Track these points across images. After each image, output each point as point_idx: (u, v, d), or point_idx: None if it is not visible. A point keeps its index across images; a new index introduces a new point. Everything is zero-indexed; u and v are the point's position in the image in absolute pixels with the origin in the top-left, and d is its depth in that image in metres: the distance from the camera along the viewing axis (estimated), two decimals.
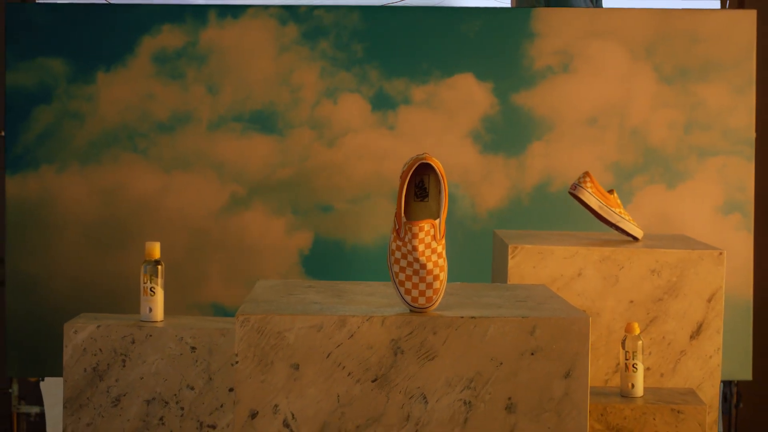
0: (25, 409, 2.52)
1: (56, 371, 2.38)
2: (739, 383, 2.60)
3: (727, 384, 2.61)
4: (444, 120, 2.50)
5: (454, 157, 2.47)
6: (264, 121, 2.47)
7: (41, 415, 2.54)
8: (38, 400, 2.55)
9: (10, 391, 2.48)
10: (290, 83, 2.48)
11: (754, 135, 2.49)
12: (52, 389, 2.55)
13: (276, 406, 1.23)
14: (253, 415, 1.23)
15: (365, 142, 2.49)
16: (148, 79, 2.46)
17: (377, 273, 2.26)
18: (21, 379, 2.50)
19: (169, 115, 2.46)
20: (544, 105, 2.50)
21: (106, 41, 2.47)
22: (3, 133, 2.46)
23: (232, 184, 2.46)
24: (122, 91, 2.46)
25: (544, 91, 2.50)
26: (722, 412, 2.63)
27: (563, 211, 2.38)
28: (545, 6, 2.74)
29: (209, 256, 2.45)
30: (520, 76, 2.50)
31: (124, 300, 2.35)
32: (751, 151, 2.49)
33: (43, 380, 2.55)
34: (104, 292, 2.43)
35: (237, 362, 1.23)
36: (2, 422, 2.54)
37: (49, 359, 2.39)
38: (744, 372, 2.46)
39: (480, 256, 2.38)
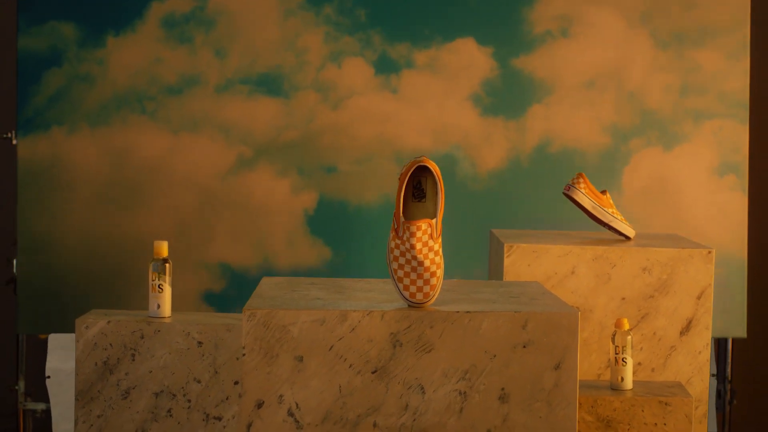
0: (32, 405, 2.53)
1: (65, 328, 2.42)
2: (733, 380, 2.64)
3: (721, 381, 2.66)
4: (445, 83, 2.54)
5: (455, 120, 2.52)
6: (270, 84, 2.51)
7: (47, 412, 2.56)
8: (44, 397, 2.57)
9: (16, 388, 2.50)
10: (295, 47, 2.51)
11: (748, 98, 2.53)
12: (53, 388, 2.58)
13: (281, 396, 1.27)
14: (259, 405, 1.27)
15: (369, 105, 2.53)
16: (157, 43, 2.49)
17: (379, 233, 2.33)
18: (27, 376, 2.53)
19: (177, 78, 2.50)
20: (543, 69, 2.54)
21: (115, 6, 2.50)
22: (9, 135, 2.49)
23: (239, 145, 2.49)
24: (131, 54, 2.50)
25: (544, 56, 2.54)
26: (716, 409, 2.67)
27: (561, 172, 2.43)
28: None
29: (216, 215, 2.49)
30: (519, 41, 2.54)
31: (133, 259, 2.39)
32: (745, 114, 2.53)
33: (49, 377, 2.58)
34: (113, 250, 2.47)
35: (244, 355, 1.27)
36: (9, 419, 2.56)
37: (58, 316, 2.43)
38: (739, 330, 2.51)
39: (479, 216, 2.44)
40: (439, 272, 1.30)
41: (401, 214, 1.29)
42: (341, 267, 2.50)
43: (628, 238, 2.03)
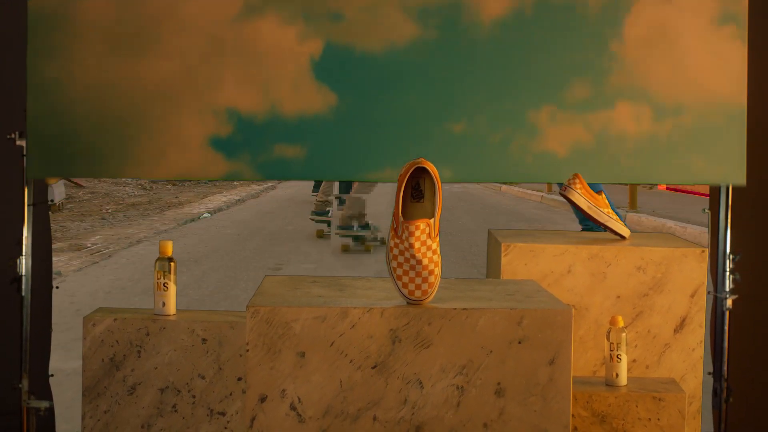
0: (35, 403, 2.55)
1: (72, 173, 2.50)
2: (729, 378, 2.67)
3: (717, 379, 2.69)
4: None
5: None
6: None
7: (50, 410, 2.58)
8: (48, 395, 2.60)
9: (19, 386, 2.53)
10: None
11: None
12: (53, 388, 2.61)
13: (283, 390, 1.31)
14: (263, 400, 1.31)
15: None
16: None
17: (384, 79, 2.38)
18: (31, 374, 2.55)
19: None
20: None
21: None
22: (13, 136, 2.50)
23: None
24: None
25: None
26: (713, 407, 2.71)
27: (563, 22, 2.43)
28: None
29: (224, 62, 2.47)
30: None
31: (140, 105, 2.40)
32: None
33: (52, 375, 2.61)
34: (121, 96, 2.46)
35: (248, 351, 1.30)
36: (12, 417, 2.58)
37: (66, 160, 2.45)
38: (738, 176, 2.51)
39: (482, 64, 2.43)
40: (437, 270, 1.33)
41: (400, 214, 1.33)
42: (347, 113, 2.50)
43: (623, 237, 2.07)
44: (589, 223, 4.13)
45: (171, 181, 17.09)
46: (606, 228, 2.06)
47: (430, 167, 1.33)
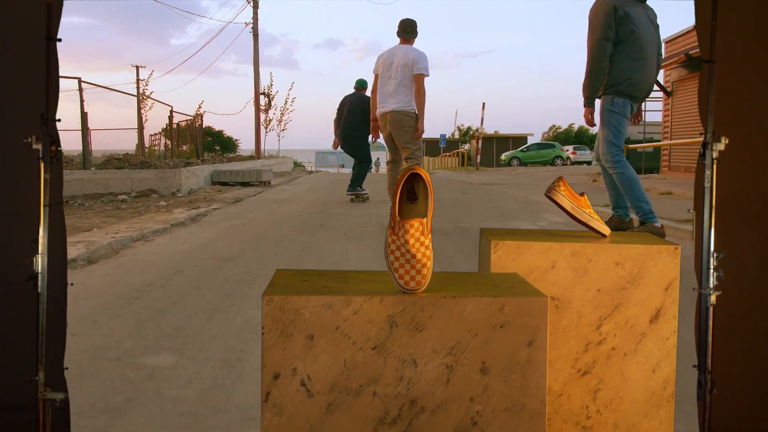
0: (51, 395, 2.69)
1: None
2: (713, 370, 2.81)
3: (702, 372, 2.83)
4: None
5: None
6: None
7: (66, 401, 2.72)
8: (63, 387, 2.74)
9: (36, 378, 2.67)
10: None
11: None
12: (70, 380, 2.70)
13: (294, 369, 1.44)
14: (276, 377, 1.44)
15: None
16: None
17: None
18: (47, 366, 2.68)
19: None
20: None
21: None
22: (30, 140, 2.65)
23: None
24: None
25: None
26: (697, 399, 2.85)
27: None
28: None
29: None
30: None
31: None
32: None
33: (67, 369, 2.74)
34: None
35: (263, 334, 1.43)
36: (28, 410, 2.72)
37: None
38: None
39: None
40: (429, 264, 1.49)
41: (397, 214, 1.49)
42: None
43: (603, 235, 2.22)
44: None
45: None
46: (588, 227, 2.22)
47: (423, 173, 1.50)
